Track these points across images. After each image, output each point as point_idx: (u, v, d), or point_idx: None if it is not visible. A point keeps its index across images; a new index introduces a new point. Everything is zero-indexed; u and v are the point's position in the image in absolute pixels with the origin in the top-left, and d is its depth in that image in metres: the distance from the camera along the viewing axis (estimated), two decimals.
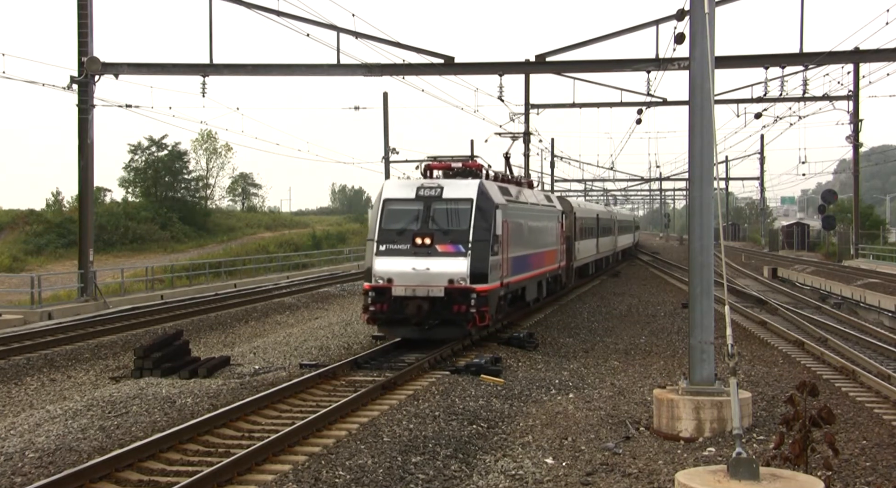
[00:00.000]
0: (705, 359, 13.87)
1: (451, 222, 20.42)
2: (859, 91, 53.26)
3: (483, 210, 20.48)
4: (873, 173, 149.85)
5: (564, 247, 32.54)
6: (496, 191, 21.77)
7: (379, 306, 20.11)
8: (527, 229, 25.16)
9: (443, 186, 20.89)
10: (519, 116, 52.30)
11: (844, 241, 64.40)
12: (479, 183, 21.01)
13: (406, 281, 19.99)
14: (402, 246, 20.25)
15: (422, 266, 19.95)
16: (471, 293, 19.74)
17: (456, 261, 19.96)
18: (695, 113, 14.01)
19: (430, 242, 20.17)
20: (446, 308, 19.82)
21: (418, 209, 20.59)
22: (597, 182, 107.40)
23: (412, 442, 12.87)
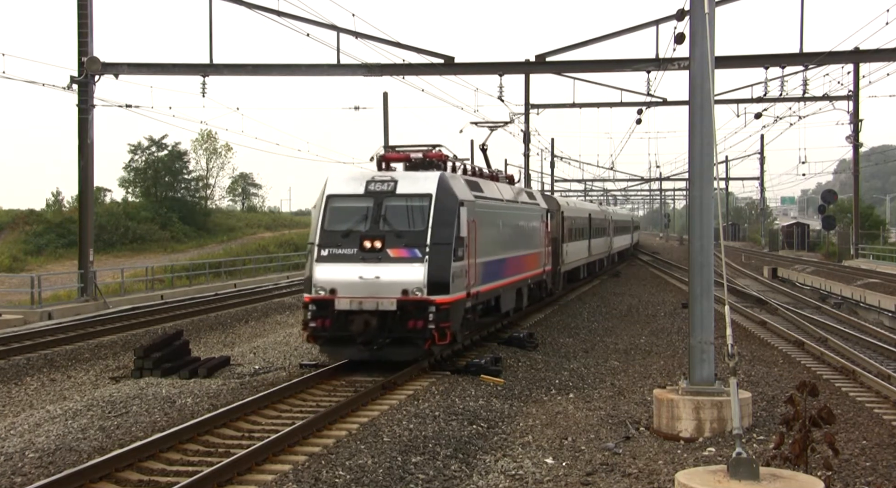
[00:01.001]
0: (705, 359, 13.88)
1: (406, 222, 17.69)
2: (859, 91, 53.28)
3: (444, 207, 17.76)
4: (873, 173, 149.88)
5: (550, 250, 29.71)
6: (461, 186, 19.03)
7: (320, 322, 17.34)
8: (502, 230, 22.52)
9: (397, 180, 18.16)
10: (519, 116, 52.32)
11: (844, 241, 64.40)
12: (439, 176, 18.21)
13: (352, 292, 17.24)
14: (348, 250, 17.54)
15: (370, 274, 17.22)
16: (428, 306, 17.01)
17: (411, 269, 17.21)
18: (695, 113, 14.02)
19: (381, 246, 17.42)
20: (399, 324, 17.10)
21: (367, 207, 17.82)
22: (597, 182, 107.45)
23: (412, 442, 12.87)
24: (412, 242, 17.42)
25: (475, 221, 19.14)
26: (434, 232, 17.51)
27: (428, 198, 17.81)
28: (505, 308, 22.92)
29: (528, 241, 25.93)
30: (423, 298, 17.05)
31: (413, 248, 17.39)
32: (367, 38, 30.88)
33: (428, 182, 18.10)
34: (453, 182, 18.59)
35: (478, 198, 19.88)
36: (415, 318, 17.04)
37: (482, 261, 19.84)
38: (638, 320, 29.11)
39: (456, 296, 17.67)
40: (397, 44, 31.30)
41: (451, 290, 17.38)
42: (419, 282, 17.12)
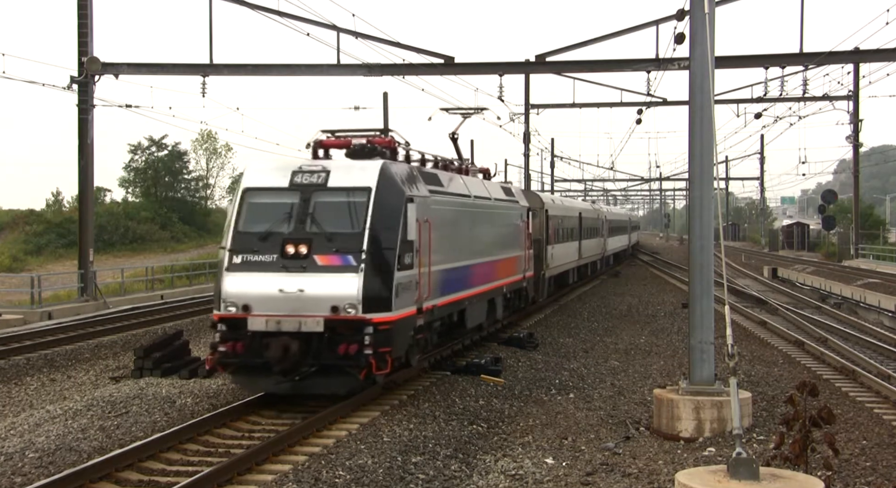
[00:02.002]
0: (705, 359, 13.88)
1: (339, 222, 14.58)
2: (859, 91, 53.27)
3: (387, 204, 14.69)
4: (873, 173, 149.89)
5: (531, 253, 26.38)
6: (412, 179, 16.01)
7: (230, 345, 14.18)
8: (469, 231, 19.39)
9: (329, 170, 15.03)
10: (519, 116, 52.33)
11: (844, 241, 64.40)
12: (381, 165, 15.07)
13: (269, 308, 14.08)
14: (266, 257, 14.40)
15: (293, 287, 14.05)
16: (364, 326, 13.87)
17: (343, 280, 14.05)
18: (695, 113, 14.02)
19: (307, 252, 14.29)
20: (328, 348, 13.96)
21: (292, 203, 14.78)
22: (597, 182, 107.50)
23: (412, 442, 12.87)
24: (345, 247, 14.27)
25: (430, 221, 16.12)
26: (373, 234, 14.35)
27: (366, 192, 14.66)
28: (472, 322, 19.94)
29: (504, 244, 22.91)
30: (357, 317, 13.88)
31: (346, 255, 14.23)
32: (368, 38, 30.88)
33: (367, 172, 14.97)
34: (401, 173, 15.55)
35: (435, 194, 16.91)
36: (347, 342, 13.87)
37: (440, 268, 16.85)
38: (638, 320, 29.11)
39: (401, 313, 14.59)
40: (397, 44, 31.30)
41: (395, 306, 14.30)
42: (353, 296, 13.93)
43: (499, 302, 22.40)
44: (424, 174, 17.10)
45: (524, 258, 25.28)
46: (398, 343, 14.59)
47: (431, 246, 16.22)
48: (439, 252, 16.80)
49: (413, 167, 16.94)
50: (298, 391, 14.35)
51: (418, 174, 16.64)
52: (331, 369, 14.08)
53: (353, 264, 14.22)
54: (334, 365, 14.01)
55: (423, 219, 15.70)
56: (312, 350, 14.02)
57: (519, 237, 24.74)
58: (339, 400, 14.34)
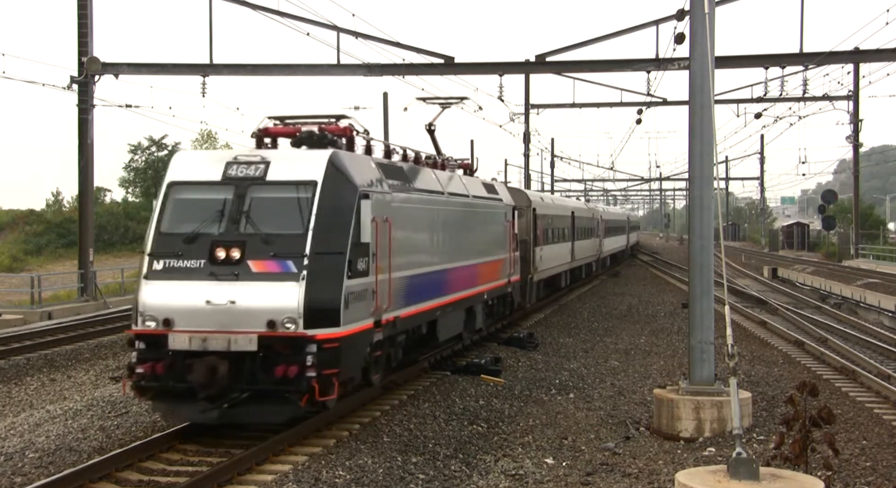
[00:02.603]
0: (705, 359, 13.89)
1: (278, 222, 12.64)
2: (859, 91, 53.27)
3: (336, 200, 12.75)
4: (873, 173, 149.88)
5: (517, 256, 24.30)
6: (368, 172, 14.05)
7: (149, 367, 12.17)
8: (441, 231, 17.43)
9: (269, 162, 13.05)
10: (519, 116, 52.34)
11: (844, 241, 64.42)
12: (329, 156, 13.03)
13: (194, 323, 12.11)
14: (192, 262, 12.45)
15: (222, 297, 12.10)
16: (306, 344, 11.89)
17: (281, 290, 12.07)
18: (695, 113, 14.03)
19: (241, 257, 12.32)
20: (263, 370, 11.97)
21: (224, 199, 12.78)
22: (597, 182, 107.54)
23: (412, 442, 12.88)
24: (285, 251, 12.31)
25: (391, 221, 14.19)
26: (318, 236, 12.41)
27: (310, 186, 12.72)
28: (447, 334, 18.09)
29: (485, 246, 20.86)
30: (297, 333, 11.91)
31: (285, 260, 12.26)
32: (368, 38, 30.88)
33: (313, 164, 12.99)
34: (354, 165, 13.57)
35: (398, 190, 15.00)
36: (286, 363, 11.88)
37: (404, 274, 14.97)
38: (638, 320, 29.11)
39: (353, 327, 12.63)
40: (397, 44, 31.30)
41: (345, 320, 12.33)
42: (292, 309, 11.95)
43: (479, 310, 20.41)
44: (386, 167, 15.12)
45: (509, 261, 23.22)
46: (349, 363, 12.59)
47: (393, 249, 14.25)
48: (403, 255, 14.90)
49: (372, 159, 14.95)
50: (227, 420, 12.29)
51: (377, 167, 14.64)
52: (266, 395, 12.04)
53: (293, 271, 12.17)
54: (270, 390, 11.98)
55: (382, 219, 13.78)
56: (244, 372, 12.00)
57: (502, 238, 22.75)
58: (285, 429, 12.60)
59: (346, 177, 13.12)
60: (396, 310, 14.57)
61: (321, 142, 14.24)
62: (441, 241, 17.39)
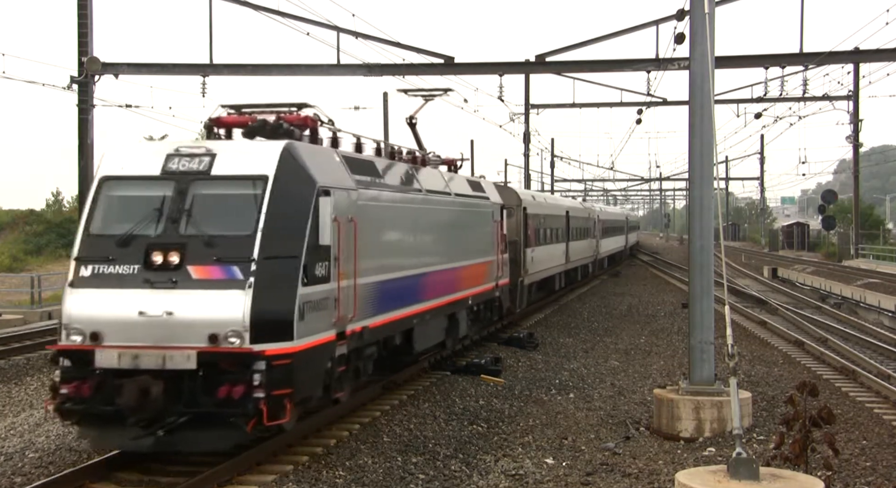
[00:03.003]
0: (705, 359, 13.90)
1: (224, 221, 11.25)
2: (859, 91, 53.27)
3: (290, 197, 11.46)
4: (873, 173, 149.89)
5: (506, 257, 22.90)
6: (328, 165, 12.63)
7: (74, 387, 10.75)
8: (419, 232, 16.08)
9: (215, 154, 11.67)
10: (519, 116, 52.33)
11: (844, 241, 64.42)
12: (283, 146, 11.72)
13: (125, 338, 10.74)
14: (125, 268, 11.00)
15: (158, 308, 10.74)
16: (253, 361, 10.58)
17: (225, 299, 10.75)
18: (695, 113, 14.03)
19: (180, 261, 10.95)
20: (203, 392, 10.63)
21: (163, 196, 11.40)
22: (597, 182, 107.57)
23: (412, 442, 12.89)
24: (230, 255, 10.94)
25: (356, 221, 12.77)
26: (268, 237, 11.06)
27: (261, 181, 11.39)
28: (425, 344, 16.75)
29: (469, 247, 19.34)
30: (243, 349, 10.57)
31: (230, 266, 10.90)
32: (368, 38, 30.89)
33: (264, 156, 11.65)
34: (313, 158, 12.22)
35: (366, 186, 13.58)
36: (230, 382, 10.54)
37: (374, 280, 13.56)
38: (638, 320, 29.12)
39: (310, 341, 11.29)
40: (397, 44, 31.30)
41: (299, 332, 11.01)
42: (237, 321, 10.63)
43: (462, 316, 18.94)
44: (352, 161, 13.64)
45: (496, 263, 21.72)
46: (305, 381, 11.24)
47: (359, 252, 12.84)
48: (372, 259, 13.49)
49: (336, 152, 13.54)
50: (163, 448, 10.91)
51: (342, 161, 13.22)
52: (208, 419, 10.66)
53: (238, 278, 10.81)
54: (212, 413, 10.60)
55: (346, 218, 12.36)
56: (182, 393, 10.64)
57: (489, 239, 21.20)
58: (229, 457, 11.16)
59: (302, 171, 11.75)
60: (364, 319, 13.08)
61: (276, 132, 12.63)
62: (418, 243, 16.05)
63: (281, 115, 13.11)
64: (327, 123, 13.96)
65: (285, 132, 12.65)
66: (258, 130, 12.73)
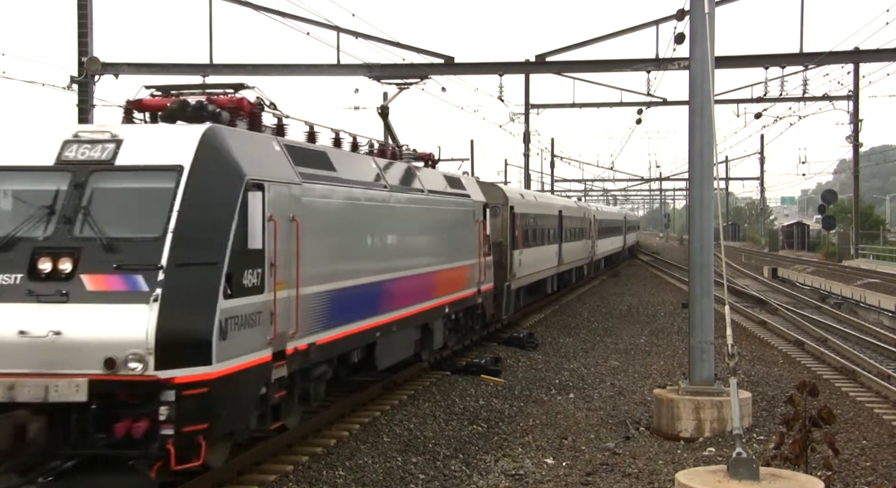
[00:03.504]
0: (705, 359, 13.90)
1: (127, 221, 9.52)
2: (859, 91, 53.31)
3: (210, 192, 9.70)
4: (873, 173, 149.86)
5: (489, 260, 21.10)
6: (263, 154, 10.83)
7: None
8: (381, 233, 14.19)
9: (121, 140, 9.94)
10: (519, 116, 52.35)
11: (844, 241, 64.44)
12: (204, 132, 9.99)
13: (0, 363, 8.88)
14: (4, 277, 9.22)
15: (42, 326, 8.91)
16: (159, 391, 8.82)
17: (125, 315, 8.93)
18: (695, 113, 14.03)
19: (73, 269, 9.20)
20: (97, 429, 8.85)
21: (56, 191, 9.68)
22: (597, 182, 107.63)
23: (412, 441, 12.89)
24: (133, 262, 9.15)
25: (299, 220, 11.01)
26: (181, 240, 9.30)
27: (174, 173, 9.62)
28: (389, 360, 14.89)
29: (446, 250, 17.59)
30: (145, 376, 8.77)
31: (133, 275, 9.09)
32: (368, 38, 30.90)
33: (179, 143, 9.88)
34: (242, 146, 10.42)
35: (314, 181, 11.76)
36: (130, 417, 8.77)
37: (323, 289, 11.82)
38: (638, 320, 29.12)
39: (236, 364, 9.48)
40: (397, 44, 31.32)
41: (221, 355, 9.20)
42: (139, 341, 8.79)
43: (438, 326, 17.24)
44: (297, 151, 11.80)
45: (478, 267, 19.95)
46: (228, 412, 9.48)
47: (304, 257, 11.12)
48: (322, 265, 11.79)
49: (277, 140, 11.58)
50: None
51: (283, 150, 11.38)
52: (103, 462, 8.91)
53: (142, 289, 8.99)
54: (107, 455, 8.85)
55: (285, 217, 10.69)
56: (71, 432, 8.82)
57: (469, 240, 19.43)
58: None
59: (227, 160, 9.97)
60: (310, 335, 11.38)
61: (199, 115, 10.70)
62: (382, 246, 14.17)
63: (213, 98, 11.27)
64: (269, 107, 12.08)
65: (210, 115, 10.74)
66: (177, 113, 10.86)
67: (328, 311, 11.96)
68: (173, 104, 11.00)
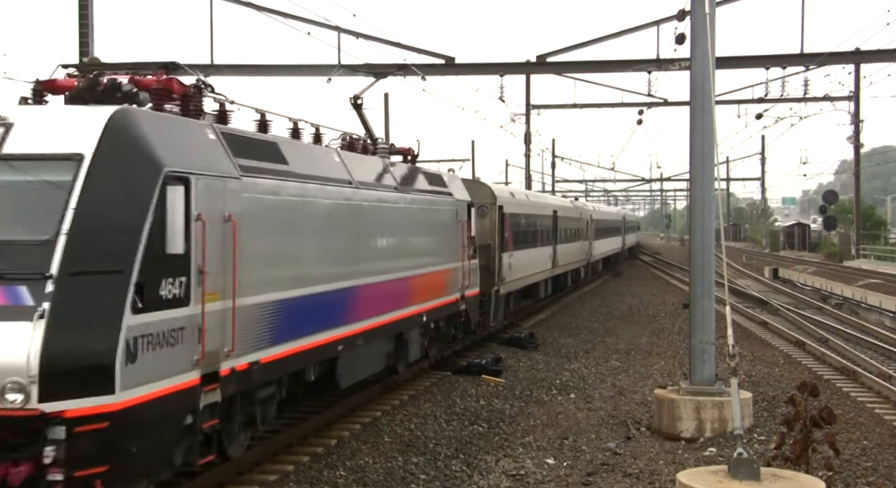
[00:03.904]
0: (706, 360, 13.89)
1: (11, 221, 8.04)
2: (860, 91, 53.33)
3: (116, 185, 8.24)
4: (874, 174, 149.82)
5: (474, 264, 19.64)
6: (189, 142, 9.32)
7: None
8: (345, 235, 12.57)
9: (11, 123, 8.45)
10: (520, 117, 52.37)
11: (845, 242, 64.44)
12: (111, 115, 8.48)
13: None
14: None
15: None
16: (45, 428, 7.41)
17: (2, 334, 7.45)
18: (696, 113, 14.03)
19: None
20: None
21: None
22: (598, 182, 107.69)
23: (413, 442, 12.89)
24: (16, 270, 7.67)
25: (236, 220, 9.41)
26: (77, 243, 7.83)
27: (72, 163, 8.13)
28: (354, 376, 13.47)
29: (424, 253, 16.28)
30: (26, 411, 7.34)
31: (15, 285, 7.61)
32: (368, 38, 30.92)
33: (82, 128, 8.37)
34: (162, 132, 8.91)
35: (258, 174, 10.19)
36: (10, 460, 7.37)
37: (270, 299, 10.32)
38: (639, 320, 29.13)
39: (148, 392, 8.06)
40: (398, 44, 31.33)
41: (127, 381, 7.76)
42: (18, 366, 7.34)
43: (414, 336, 15.97)
44: (237, 141, 10.18)
45: (462, 271, 18.50)
46: (138, 450, 7.98)
47: (244, 262, 9.60)
48: (268, 271, 10.29)
49: (209, 126, 9.89)
50: None
51: (219, 138, 9.78)
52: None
53: (25, 303, 7.50)
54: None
55: (219, 217, 9.13)
56: None
57: (451, 242, 18.00)
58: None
59: (140, 148, 8.43)
60: (252, 352, 9.89)
61: (111, 95, 9.11)
62: (345, 249, 12.58)
63: (136, 78, 9.69)
64: (207, 91, 10.44)
65: (125, 96, 9.14)
66: (85, 93, 9.23)
67: (277, 324, 10.49)
68: (82, 82, 9.43)
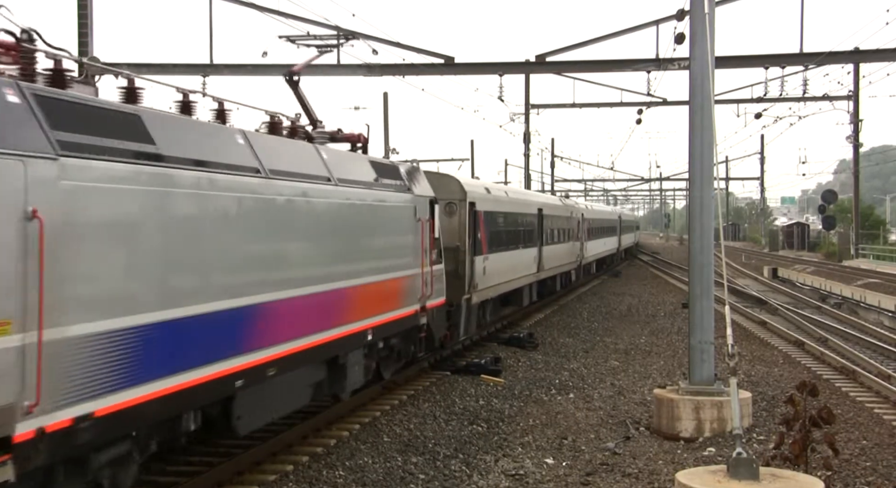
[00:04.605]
0: (705, 359, 13.90)
1: None
2: (859, 91, 53.36)
3: None
4: (873, 173, 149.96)
5: (438, 270, 17.10)
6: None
7: None
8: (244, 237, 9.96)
9: None
10: (519, 116, 52.37)
11: (845, 241, 64.46)
12: None
13: None
14: None
15: None
16: None
17: None
18: (695, 113, 14.03)
19: None
20: None
21: None
22: (597, 182, 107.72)
23: (412, 441, 12.90)
24: None
25: (43, 218, 6.94)
26: None
27: None
28: (259, 419, 10.84)
29: (370, 258, 13.60)
30: None
31: None
32: (368, 38, 30.89)
33: None
34: None
35: (95, 156, 7.68)
36: None
37: (115, 327, 7.80)
38: (638, 320, 29.12)
39: None
40: (398, 44, 31.32)
41: None
42: None
43: (354, 359, 13.31)
44: (60, 107, 7.59)
45: (421, 278, 15.99)
46: None
47: (65, 278, 7.20)
48: (110, 287, 7.80)
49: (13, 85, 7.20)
50: None
51: (26, 103, 7.20)
52: None
53: None
54: None
55: (14, 214, 6.73)
56: None
57: (408, 245, 15.53)
58: None
59: None
60: (78, 402, 7.35)
61: None
62: (250, 255, 10.09)
63: None
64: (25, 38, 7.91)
65: None
66: None
67: (126, 359, 7.94)
68: None
